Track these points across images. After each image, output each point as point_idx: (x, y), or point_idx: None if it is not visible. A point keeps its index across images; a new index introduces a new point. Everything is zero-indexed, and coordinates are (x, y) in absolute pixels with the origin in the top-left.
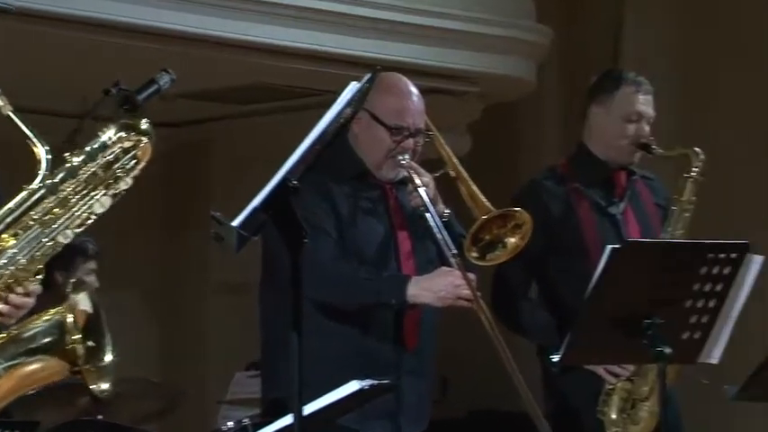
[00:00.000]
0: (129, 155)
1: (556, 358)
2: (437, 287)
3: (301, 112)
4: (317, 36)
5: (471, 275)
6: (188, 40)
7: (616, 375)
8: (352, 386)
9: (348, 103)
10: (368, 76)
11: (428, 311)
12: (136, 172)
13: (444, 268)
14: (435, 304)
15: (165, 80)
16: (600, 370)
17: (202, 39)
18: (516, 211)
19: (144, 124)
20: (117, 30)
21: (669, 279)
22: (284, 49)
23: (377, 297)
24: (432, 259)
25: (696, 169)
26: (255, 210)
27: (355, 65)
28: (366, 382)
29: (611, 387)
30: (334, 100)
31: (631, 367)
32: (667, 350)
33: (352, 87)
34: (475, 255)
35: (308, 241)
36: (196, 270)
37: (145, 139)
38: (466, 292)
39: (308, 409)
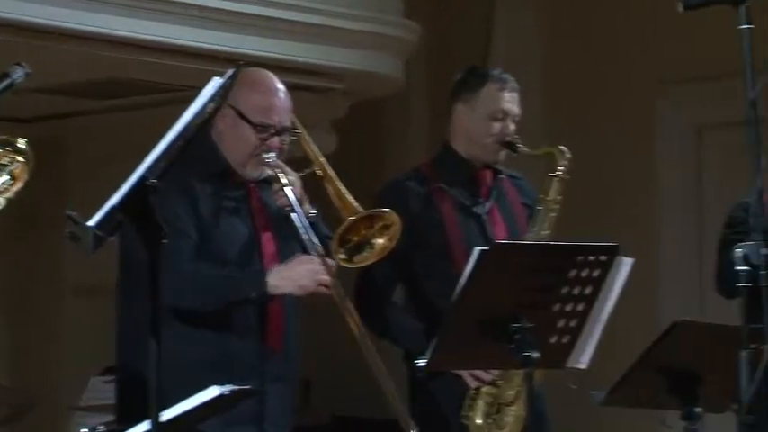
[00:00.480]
0: (4, 172)
1: (422, 363)
2: (297, 275)
3: (162, 107)
4: (179, 30)
5: (331, 261)
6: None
7: (481, 380)
8: (212, 392)
9: (210, 99)
10: (231, 71)
11: (291, 314)
12: (10, 194)
13: (303, 256)
14: (297, 293)
15: (18, 74)
16: (464, 374)
17: (68, 34)
18: (384, 211)
19: (22, 143)
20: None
21: (537, 282)
22: (146, 44)
23: (237, 293)
24: None
25: (562, 168)
26: (112, 209)
27: (217, 60)
28: (227, 388)
29: (475, 391)
30: (196, 96)
31: (496, 371)
32: (535, 355)
33: (215, 83)
34: (342, 257)
35: (167, 244)
36: (51, 271)
37: (21, 159)
38: (326, 277)
39: (166, 415)
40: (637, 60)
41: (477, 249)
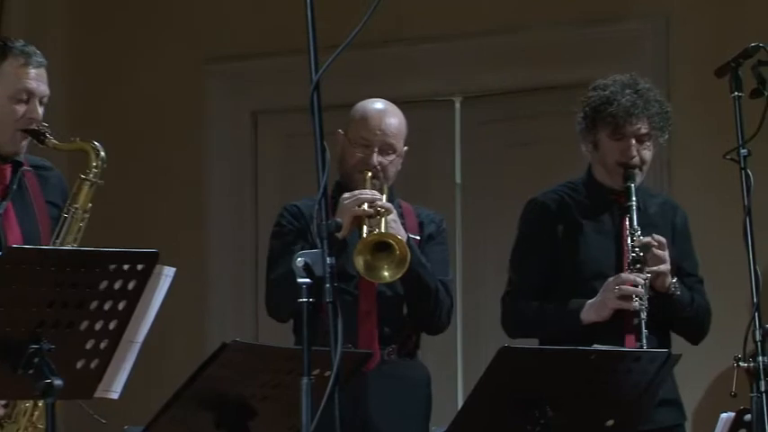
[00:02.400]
0: None
1: None
2: None
3: None
4: None
5: None
6: None
7: None
8: None
9: None
10: None
11: None
12: None
13: None
14: None
15: None
16: None
17: None
18: None
19: None
20: None
21: (62, 295)
22: None
23: None
24: None
25: (95, 170)
26: None
27: None
28: None
29: None
30: None
31: (1, 411)
32: (58, 382)
33: None
34: None
35: None
36: None
37: None
38: None
39: None
40: (181, 35)
41: None
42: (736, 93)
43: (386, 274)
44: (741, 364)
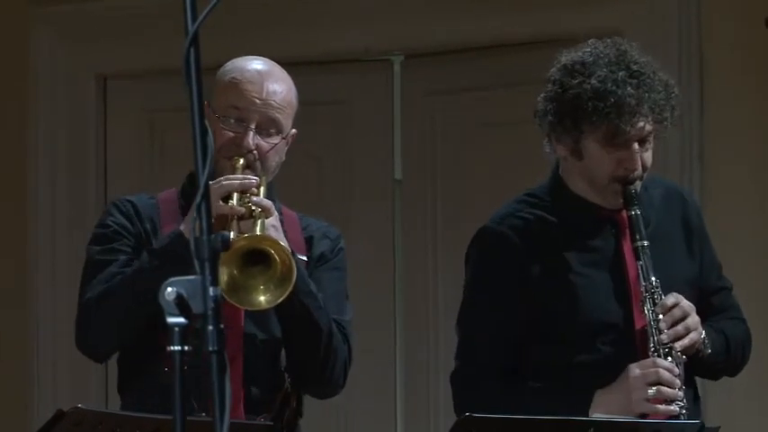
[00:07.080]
0: None
1: None
2: None
3: None
4: None
5: None
6: None
7: None
8: None
9: None
10: None
11: None
12: None
13: None
14: None
15: None
16: None
17: None
18: None
19: None
20: None
21: None
22: None
23: None
24: None
25: None
26: None
27: None
28: None
29: None
30: None
31: None
32: None
33: None
34: None
35: None
36: None
37: None
38: None
39: None
40: None
41: None
42: None
43: (261, 297)
44: None
